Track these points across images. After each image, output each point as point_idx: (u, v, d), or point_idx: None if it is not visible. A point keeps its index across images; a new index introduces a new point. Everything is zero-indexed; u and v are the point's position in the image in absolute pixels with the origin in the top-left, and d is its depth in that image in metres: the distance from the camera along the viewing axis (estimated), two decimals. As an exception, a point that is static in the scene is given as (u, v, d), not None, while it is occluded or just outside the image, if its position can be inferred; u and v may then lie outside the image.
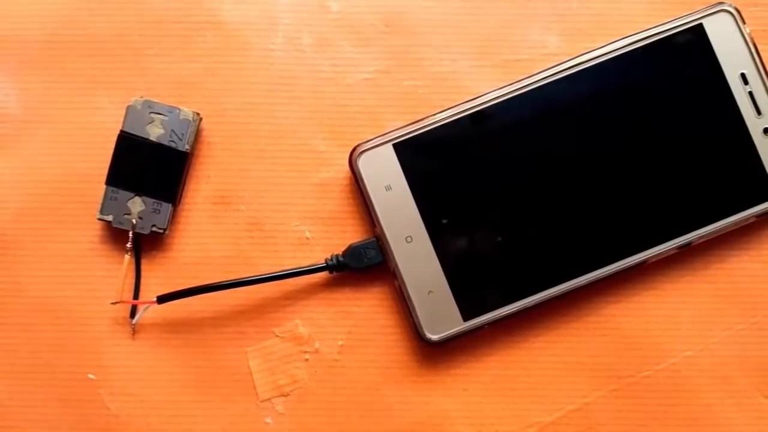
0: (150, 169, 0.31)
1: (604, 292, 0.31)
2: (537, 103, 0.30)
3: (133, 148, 0.31)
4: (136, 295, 0.32)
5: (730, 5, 0.30)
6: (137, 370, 0.32)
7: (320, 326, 0.32)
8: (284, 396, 0.32)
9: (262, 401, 0.32)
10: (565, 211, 0.30)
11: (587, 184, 0.30)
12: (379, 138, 0.30)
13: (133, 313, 0.31)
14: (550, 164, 0.30)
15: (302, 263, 0.31)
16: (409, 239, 0.30)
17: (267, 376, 0.32)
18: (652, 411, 0.31)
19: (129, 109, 0.31)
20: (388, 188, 0.30)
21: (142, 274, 0.32)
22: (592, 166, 0.30)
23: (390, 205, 0.30)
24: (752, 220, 0.30)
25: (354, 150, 0.31)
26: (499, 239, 0.30)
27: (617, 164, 0.30)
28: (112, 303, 0.31)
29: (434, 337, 0.30)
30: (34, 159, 0.32)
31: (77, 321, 0.32)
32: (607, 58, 0.30)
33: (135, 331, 0.32)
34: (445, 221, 0.30)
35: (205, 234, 0.32)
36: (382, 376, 0.32)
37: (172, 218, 0.31)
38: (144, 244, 0.32)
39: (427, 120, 0.30)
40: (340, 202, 0.32)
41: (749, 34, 0.30)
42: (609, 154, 0.30)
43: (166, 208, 0.31)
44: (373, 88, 0.32)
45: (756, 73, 0.30)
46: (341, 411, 0.32)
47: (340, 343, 0.32)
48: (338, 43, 0.32)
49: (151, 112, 0.31)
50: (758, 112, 0.30)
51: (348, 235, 0.32)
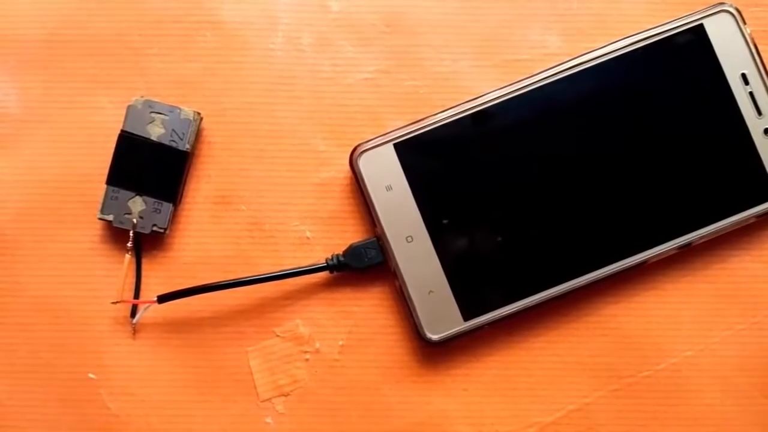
0: (151, 169, 0.31)
1: (604, 292, 0.31)
2: (537, 103, 0.30)
3: (133, 147, 0.31)
4: (137, 295, 0.32)
5: (731, 5, 0.30)
6: (137, 369, 0.32)
7: (321, 326, 0.32)
8: (284, 396, 0.32)
9: (262, 401, 0.32)
10: (566, 211, 0.30)
11: (588, 184, 0.30)
12: (380, 138, 0.30)
13: (133, 313, 0.31)
14: (551, 164, 0.30)
15: (302, 263, 0.31)
16: (409, 239, 0.30)
17: (267, 376, 0.32)
18: (652, 411, 0.31)
19: (129, 109, 0.31)
20: (389, 188, 0.30)
21: (143, 273, 0.32)
22: (592, 167, 0.30)
23: (390, 204, 0.30)
24: (752, 221, 0.30)
25: (354, 150, 0.31)
26: (500, 239, 0.30)
27: (618, 164, 0.30)
28: (113, 302, 0.31)
29: (435, 337, 0.30)
30: (34, 159, 0.32)
31: (77, 321, 0.32)
32: (608, 59, 0.30)
33: (135, 330, 0.32)
34: (445, 221, 0.30)
35: (206, 234, 0.32)
36: (383, 376, 0.32)
37: (173, 218, 0.31)
38: (144, 244, 0.32)
39: (427, 120, 0.30)
40: (341, 201, 0.32)
41: (750, 35, 0.30)
42: (609, 155, 0.30)
43: (167, 207, 0.31)
44: (374, 88, 0.32)
45: (756, 73, 0.30)
46: (341, 411, 0.32)
47: (340, 343, 0.32)
48: (338, 42, 0.32)
49: (152, 112, 0.31)
50: (759, 113, 0.30)
51: (348, 235, 0.32)
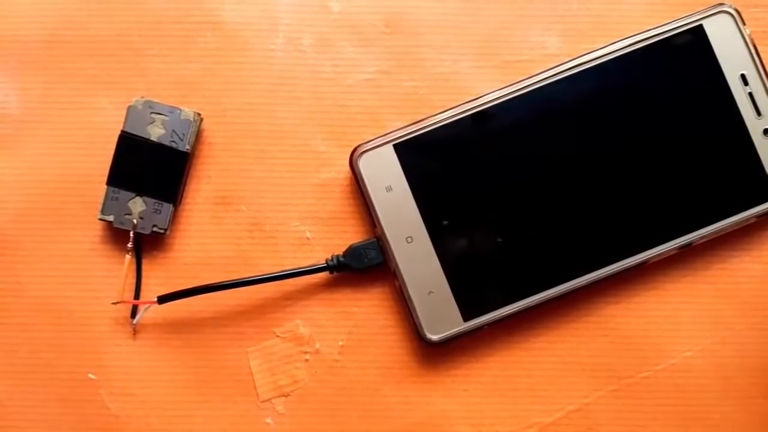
0: (151, 170, 0.31)
1: (604, 293, 0.31)
2: (537, 103, 0.30)
3: (134, 148, 0.31)
4: (137, 296, 0.32)
5: (730, 6, 0.30)
6: (137, 370, 0.32)
7: (321, 326, 0.32)
8: (285, 396, 0.32)
9: (262, 401, 0.32)
10: (566, 211, 0.30)
11: (587, 185, 0.30)
12: (380, 138, 0.30)
13: (134, 314, 0.31)
14: (551, 165, 0.30)
15: (303, 263, 0.31)
16: (409, 239, 0.30)
17: (267, 377, 0.32)
18: (652, 411, 0.31)
19: (130, 110, 0.31)
20: (389, 189, 0.30)
21: (143, 274, 0.32)
22: (592, 167, 0.30)
23: (390, 205, 0.30)
24: (753, 221, 0.30)
25: (354, 150, 0.31)
26: (499, 240, 0.30)
27: (618, 165, 0.30)
28: (113, 303, 0.31)
29: (434, 338, 0.30)
30: (34, 159, 0.32)
31: (78, 321, 0.32)
32: (608, 59, 0.30)
33: (136, 331, 0.32)
34: (445, 222, 0.30)
35: (206, 234, 0.32)
36: (383, 377, 0.32)
37: (173, 218, 0.31)
38: (145, 245, 0.32)
39: (427, 120, 0.30)
40: (341, 202, 0.32)
41: (749, 35, 0.30)
42: (609, 155, 0.30)
43: (167, 208, 0.31)
44: (374, 88, 0.32)
45: (756, 74, 0.30)
46: (341, 411, 0.32)
47: (340, 344, 0.32)
48: (339, 43, 0.32)
49: (152, 113, 0.31)
50: (758, 113, 0.30)
51: (348, 235, 0.32)
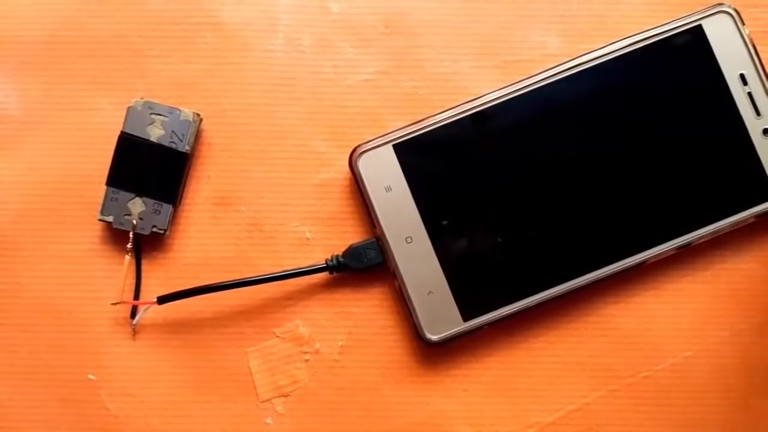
0: (150, 170, 0.31)
1: (603, 293, 0.31)
2: (536, 104, 0.30)
3: (133, 149, 0.31)
4: (137, 296, 0.32)
5: (729, 6, 0.30)
6: (137, 370, 0.32)
7: (320, 327, 0.32)
8: (284, 396, 0.32)
9: (262, 402, 0.32)
10: (565, 211, 0.30)
11: (587, 185, 0.30)
12: (380, 138, 0.30)
13: (133, 314, 0.32)
14: (550, 165, 0.30)
15: (302, 264, 0.31)
16: (409, 240, 0.30)
17: (267, 377, 0.32)
18: (652, 411, 0.31)
19: (129, 110, 0.31)
20: (388, 189, 0.30)
21: (143, 274, 0.32)
22: (591, 167, 0.30)
23: (390, 205, 0.30)
24: (752, 221, 0.30)
25: (354, 151, 0.31)
26: (499, 240, 0.30)
27: (617, 165, 0.30)
28: (113, 303, 0.31)
29: (434, 338, 0.30)
30: (34, 160, 0.32)
31: (77, 321, 0.32)
32: (607, 60, 0.30)
33: (135, 331, 0.32)
34: (444, 222, 0.30)
35: (206, 235, 0.32)
36: (382, 377, 0.32)
37: (173, 219, 0.31)
38: (144, 245, 0.32)
39: (427, 121, 0.30)
40: (340, 202, 0.32)
41: (748, 35, 0.30)
42: (609, 155, 0.30)
43: (167, 208, 0.31)
44: (374, 89, 0.32)
45: (755, 73, 0.30)
46: (341, 411, 0.32)
47: (340, 344, 0.32)
48: (338, 44, 0.32)
49: (152, 113, 0.31)
50: (757, 113, 0.30)
51: (348, 235, 0.32)
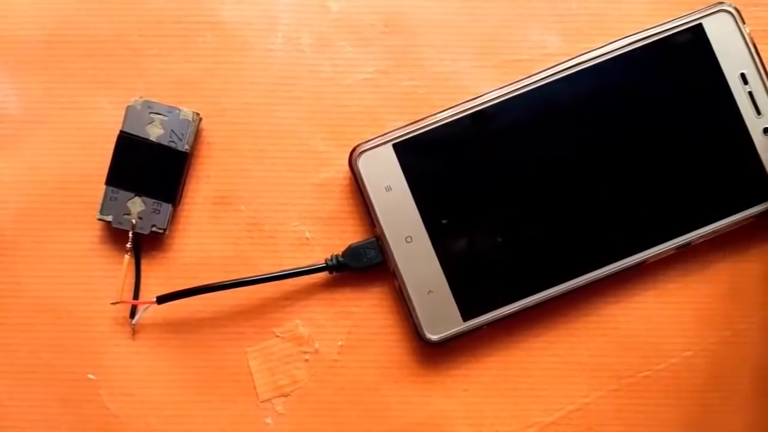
0: (150, 170, 0.31)
1: (603, 292, 0.31)
2: (536, 103, 0.30)
3: (132, 148, 0.31)
4: (136, 296, 0.32)
5: (730, 5, 0.30)
6: (137, 370, 0.32)
7: (320, 326, 0.32)
8: (284, 396, 0.32)
9: (262, 401, 0.32)
10: (565, 211, 0.30)
11: (587, 184, 0.30)
12: (379, 138, 0.30)
13: (133, 314, 0.31)
14: (550, 164, 0.30)
15: (302, 263, 0.31)
16: (408, 239, 0.30)
17: (267, 377, 0.32)
18: (652, 411, 0.31)
19: (129, 110, 0.31)
20: (388, 188, 0.30)
21: (142, 274, 0.32)
22: (591, 166, 0.30)
23: (390, 205, 0.30)
24: (752, 220, 0.30)
25: (354, 150, 0.31)
26: (499, 239, 0.30)
27: (617, 164, 0.30)
28: (112, 303, 0.31)
29: (434, 338, 0.30)
30: (34, 159, 0.32)
31: (77, 321, 0.32)
32: (607, 59, 0.30)
33: (135, 331, 0.32)
34: (444, 221, 0.30)
35: (205, 234, 0.32)
36: (382, 377, 0.32)
37: (172, 218, 0.31)
38: (144, 245, 0.32)
39: (426, 120, 0.30)
40: (340, 202, 0.32)
41: (749, 34, 0.30)
42: (609, 154, 0.30)
43: (166, 208, 0.31)
44: (373, 88, 0.32)
45: (756, 73, 0.30)
46: (341, 411, 0.32)
47: (339, 344, 0.32)
48: (338, 43, 0.32)
49: (151, 113, 0.31)
50: (758, 112, 0.30)
51: (348, 235, 0.32)
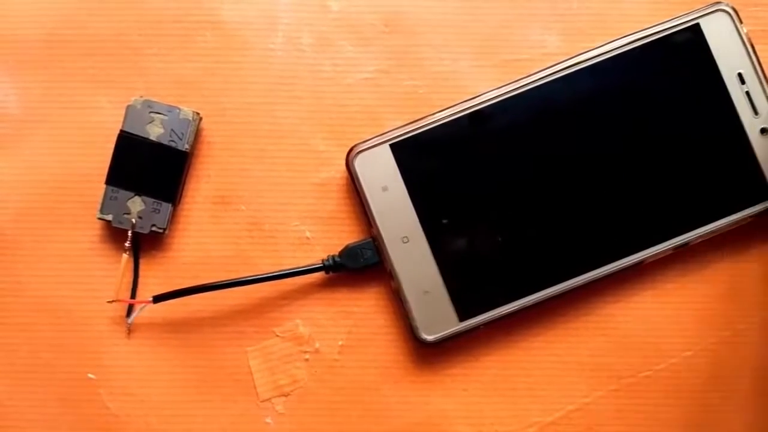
0: (150, 169, 0.31)
1: (603, 292, 0.31)
2: (532, 103, 0.30)
3: (133, 147, 0.31)
4: (134, 295, 0.31)
5: (728, 5, 0.30)
6: (137, 370, 0.32)
7: (320, 326, 0.32)
8: (284, 396, 0.32)
9: (262, 401, 0.32)
10: (562, 211, 0.30)
11: (584, 184, 0.30)
12: (376, 138, 0.30)
13: (130, 313, 0.31)
14: (547, 164, 0.30)
15: (302, 263, 0.31)
16: (405, 240, 0.30)
17: (267, 376, 0.32)
18: (652, 411, 0.31)
19: (129, 109, 0.31)
20: (385, 189, 0.30)
21: (142, 274, 0.32)
22: (588, 166, 0.30)
23: (386, 205, 0.30)
24: (749, 221, 0.30)
25: (351, 150, 0.31)
26: (496, 240, 0.30)
27: (614, 164, 0.30)
28: (109, 302, 0.31)
29: (429, 338, 0.30)
30: (34, 159, 0.32)
31: (77, 321, 0.32)
32: (604, 58, 0.30)
33: (131, 330, 0.32)
34: (441, 222, 0.30)
35: (205, 234, 0.32)
36: (382, 376, 0.32)
37: (172, 218, 0.31)
38: (144, 244, 0.32)
39: (424, 120, 0.30)
40: (340, 202, 0.32)
41: (746, 34, 0.30)
42: (606, 154, 0.30)
43: (166, 207, 0.31)
44: (373, 87, 0.32)
45: (753, 73, 0.30)
46: (341, 411, 0.32)
47: (340, 343, 0.32)
48: (338, 42, 0.32)
49: (151, 112, 0.31)
50: (755, 112, 0.30)
51: (348, 234, 0.32)
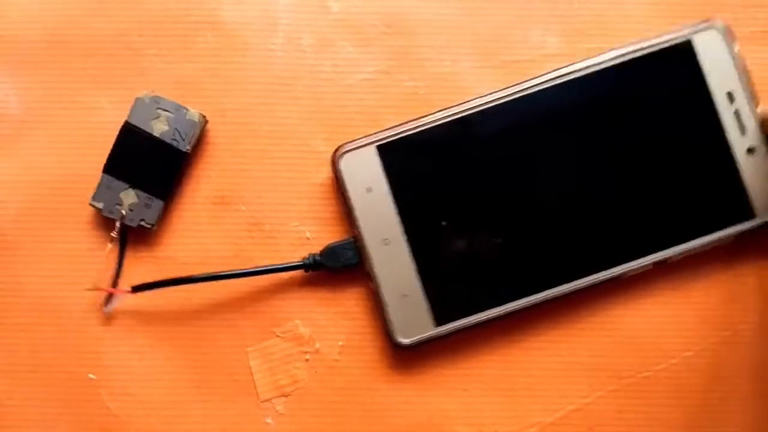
0: (148, 164, 0.31)
1: (603, 292, 0.31)
2: (519, 112, 0.30)
3: (135, 140, 0.31)
4: (115, 285, 0.31)
5: (720, 22, 0.30)
6: (137, 370, 0.32)
7: (321, 326, 0.32)
8: (285, 396, 0.32)
9: (262, 401, 0.32)
10: (544, 220, 0.30)
11: (569, 194, 0.30)
12: (364, 139, 0.30)
13: (108, 303, 0.31)
14: (529, 173, 0.30)
15: (302, 263, 0.31)
16: (386, 242, 0.30)
17: (267, 377, 0.32)
18: (652, 411, 0.31)
19: (137, 102, 0.31)
20: (369, 190, 0.30)
21: (139, 273, 0.32)
22: (574, 177, 0.30)
23: (369, 207, 0.30)
24: (732, 240, 0.30)
25: (337, 150, 0.30)
26: (477, 246, 0.30)
27: (599, 177, 0.30)
28: (87, 289, 0.31)
29: (405, 341, 0.30)
30: (34, 159, 0.32)
31: (77, 321, 0.32)
32: (593, 71, 0.30)
33: (108, 317, 0.32)
34: (423, 226, 0.30)
35: (205, 234, 0.32)
36: (383, 377, 0.32)
37: (163, 215, 0.31)
38: (144, 244, 0.32)
39: (411, 123, 0.30)
40: (340, 202, 0.32)
41: (738, 52, 0.30)
42: (592, 168, 0.30)
43: (158, 204, 0.31)
44: (374, 88, 0.32)
45: (742, 91, 0.30)
46: (342, 411, 0.32)
47: (340, 344, 0.32)
48: (339, 43, 0.32)
49: (158, 108, 0.31)
50: (743, 132, 0.30)
51: (347, 235, 0.32)
